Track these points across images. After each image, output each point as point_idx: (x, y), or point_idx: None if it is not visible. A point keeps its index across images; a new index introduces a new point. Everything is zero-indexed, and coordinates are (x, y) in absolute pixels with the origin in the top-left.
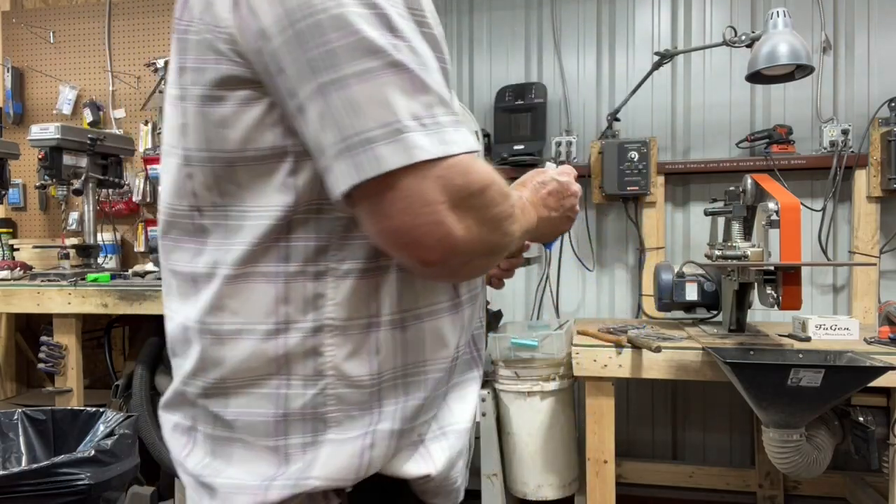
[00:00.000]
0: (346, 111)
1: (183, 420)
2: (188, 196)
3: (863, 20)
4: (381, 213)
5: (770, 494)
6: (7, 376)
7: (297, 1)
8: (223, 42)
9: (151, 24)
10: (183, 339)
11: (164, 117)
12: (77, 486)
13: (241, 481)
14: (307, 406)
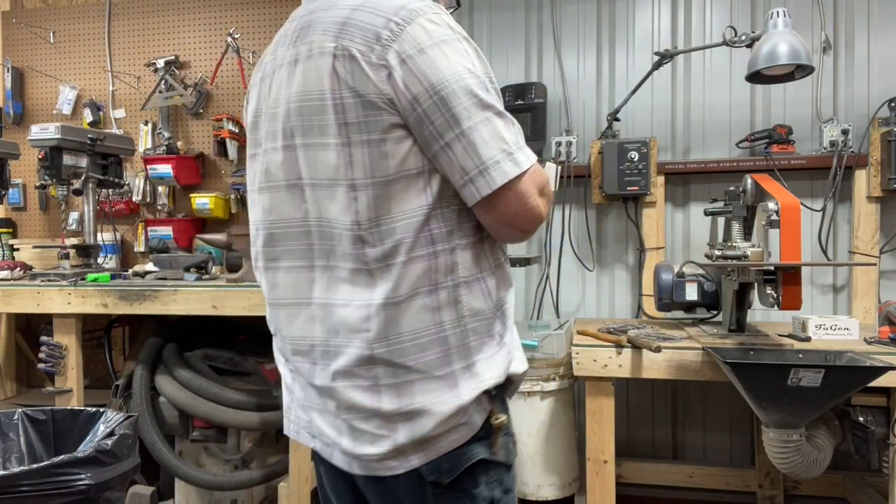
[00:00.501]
0: (481, 145)
1: (363, 382)
2: (352, 213)
3: (863, 20)
4: (504, 205)
5: (770, 494)
6: (7, 376)
7: (436, 78)
8: (384, 102)
9: (151, 24)
10: (363, 317)
11: (307, 161)
12: (77, 486)
13: (432, 399)
14: (459, 340)
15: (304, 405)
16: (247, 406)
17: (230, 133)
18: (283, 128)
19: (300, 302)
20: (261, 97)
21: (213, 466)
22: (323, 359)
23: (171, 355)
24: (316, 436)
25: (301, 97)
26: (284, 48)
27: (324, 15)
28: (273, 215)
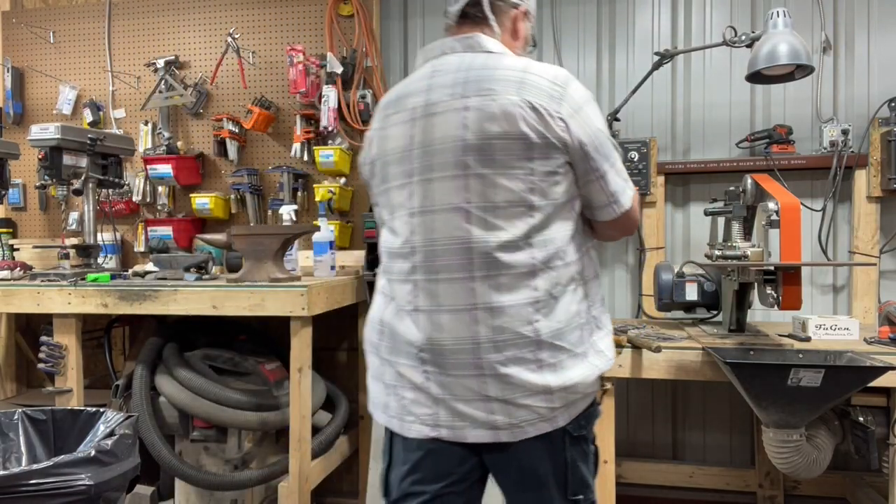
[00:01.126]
0: (621, 172)
1: (530, 363)
2: (525, 228)
3: (863, 20)
4: (628, 219)
5: (770, 494)
6: (7, 376)
7: (593, 129)
8: (560, 143)
9: (151, 24)
10: (531, 311)
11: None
12: (77, 486)
13: (580, 373)
14: (588, 326)
15: (440, 399)
16: (247, 406)
17: (230, 133)
18: (454, 161)
19: (467, 307)
20: (412, 134)
21: (213, 466)
22: (488, 353)
23: (171, 355)
24: (442, 425)
25: (482, 137)
26: (445, 97)
27: (489, 73)
28: (434, 234)
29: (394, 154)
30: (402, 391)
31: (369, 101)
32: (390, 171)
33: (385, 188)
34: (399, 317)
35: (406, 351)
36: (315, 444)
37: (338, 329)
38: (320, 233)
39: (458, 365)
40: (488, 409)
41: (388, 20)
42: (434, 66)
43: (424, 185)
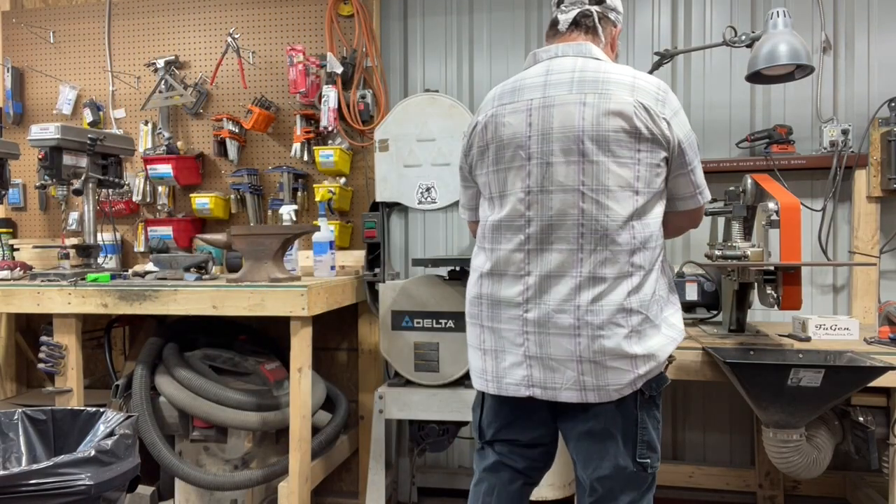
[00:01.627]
0: (702, 172)
1: (622, 329)
2: (630, 211)
3: (863, 20)
4: (702, 210)
5: (770, 494)
6: (7, 376)
7: (687, 130)
8: (663, 140)
9: (151, 24)
10: (633, 281)
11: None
12: (77, 486)
13: (660, 343)
14: (663, 301)
15: (537, 358)
16: (247, 406)
17: (230, 133)
18: (569, 147)
19: (574, 274)
20: (529, 122)
21: (213, 466)
22: (589, 315)
23: (171, 355)
24: (535, 384)
25: (599, 128)
26: (564, 92)
27: (604, 76)
28: (548, 210)
29: (510, 139)
30: (500, 355)
31: (369, 101)
32: (506, 154)
33: (497, 168)
34: (504, 283)
35: (508, 314)
36: (315, 444)
37: (338, 329)
38: (320, 233)
39: (558, 325)
40: (580, 370)
41: (388, 20)
42: (549, 65)
43: (542, 168)
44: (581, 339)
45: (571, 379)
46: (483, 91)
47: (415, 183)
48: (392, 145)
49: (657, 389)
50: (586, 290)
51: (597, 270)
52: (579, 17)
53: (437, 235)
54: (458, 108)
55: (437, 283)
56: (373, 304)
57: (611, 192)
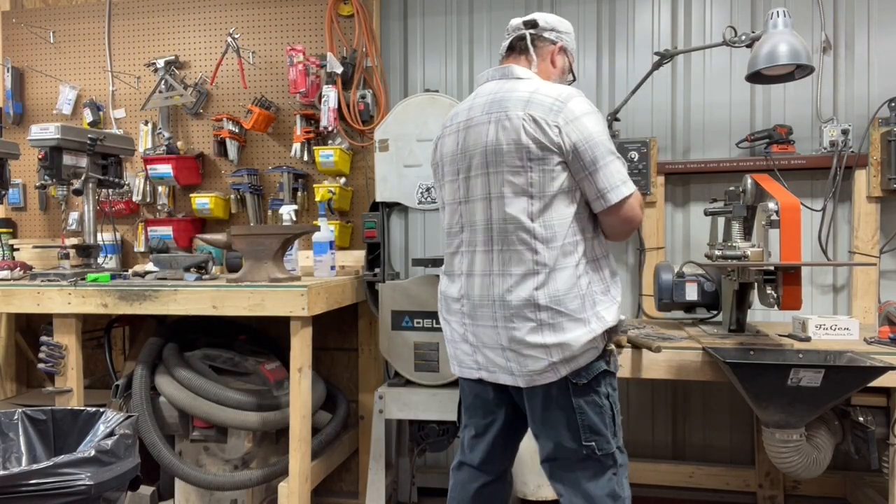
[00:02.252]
0: (613, 174)
1: (530, 322)
2: (526, 212)
3: (863, 20)
4: (623, 212)
5: (770, 494)
6: (7, 376)
7: (586, 134)
8: (555, 147)
9: (151, 24)
10: (533, 279)
11: (496, 182)
12: (77, 486)
13: (575, 333)
14: (589, 296)
15: (476, 346)
16: (247, 406)
17: (230, 133)
18: (480, 162)
19: (487, 272)
20: (458, 142)
21: (213, 466)
22: (501, 308)
23: (171, 355)
24: (482, 367)
25: (497, 144)
26: (479, 114)
27: (508, 95)
28: (472, 217)
29: (447, 157)
30: (457, 343)
31: (369, 101)
32: (446, 170)
33: (442, 183)
34: (451, 281)
35: (454, 308)
36: (315, 444)
37: (338, 329)
38: (320, 233)
39: (483, 317)
40: (505, 356)
41: (388, 20)
42: (478, 91)
43: (465, 181)
44: (499, 330)
45: (502, 364)
46: None
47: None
48: (392, 145)
49: (587, 378)
50: (498, 286)
51: (505, 268)
52: (515, 41)
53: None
54: None
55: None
56: (373, 304)
57: (507, 198)
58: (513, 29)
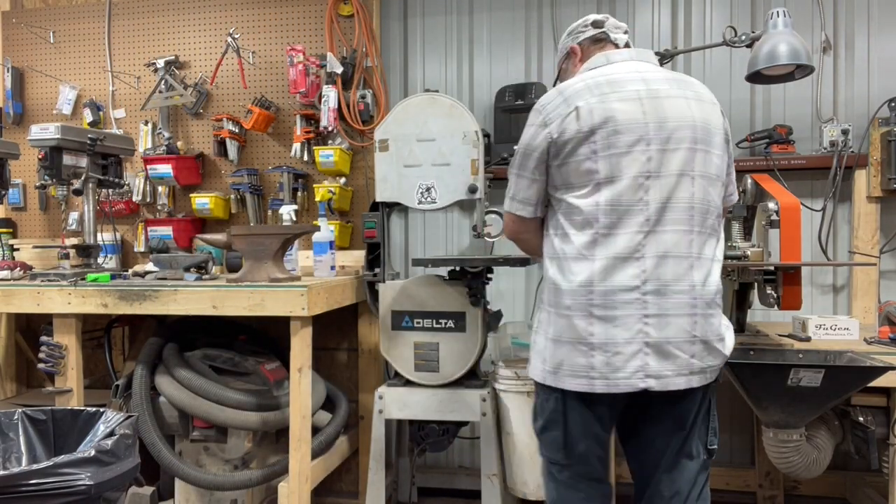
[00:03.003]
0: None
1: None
2: (720, 199)
3: (863, 20)
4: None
5: (770, 494)
6: (7, 376)
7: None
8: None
9: (151, 24)
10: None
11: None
12: (77, 486)
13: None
14: None
15: (651, 344)
16: (247, 406)
17: (230, 133)
18: (686, 136)
19: (686, 255)
20: (644, 111)
21: (213, 466)
22: (701, 296)
23: (171, 355)
24: (650, 375)
25: (706, 122)
26: (667, 87)
27: (684, 77)
28: (668, 193)
29: (627, 125)
30: (612, 347)
31: (369, 101)
32: (621, 139)
33: (610, 153)
34: (619, 268)
35: (623, 300)
36: (315, 444)
37: (338, 329)
38: (320, 233)
39: (678, 306)
40: (692, 351)
41: (388, 20)
42: (636, 66)
43: (660, 154)
44: (696, 319)
45: (685, 361)
46: (483, 91)
47: (415, 183)
48: (392, 145)
49: (720, 377)
50: (697, 272)
51: (702, 252)
52: (628, 42)
53: (437, 235)
54: (458, 108)
55: (437, 283)
56: (373, 304)
57: (709, 178)
58: (619, 27)
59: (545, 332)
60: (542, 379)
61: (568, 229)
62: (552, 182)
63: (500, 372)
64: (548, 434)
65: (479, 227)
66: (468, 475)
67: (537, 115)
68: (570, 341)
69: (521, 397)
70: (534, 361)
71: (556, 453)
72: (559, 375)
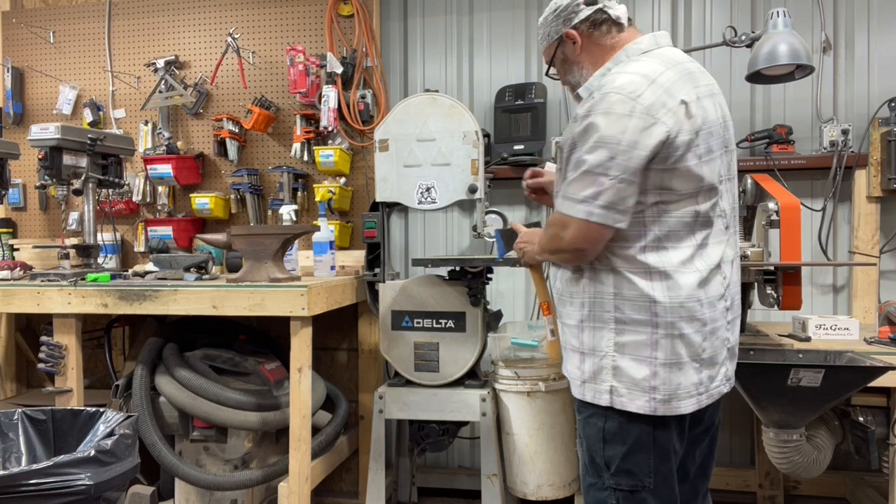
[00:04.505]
0: None
1: None
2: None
3: (863, 20)
4: None
5: (770, 494)
6: (7, 376)
7: None
8: None
9: (151, 24)
10: None
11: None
12: (77, 486)
13: None
14: None
15: (730, 350)
16: (247, 406)
17: (230, 133)
18: (732, 135)
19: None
20: (718, 111)
21: (213, 466)
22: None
23: (171, 355)
24: (729, 379)
25: (726, 119)
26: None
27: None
28: (732, 197)
29: (713, 126)
30: (713, 358)
31: (369, 101)
32: (712, 142)
33: (708, 158)
34: (712, 278)
35: (719, 309)
36: (315, 444)
37: (338, 329)
38: (320, 233)
39: (737, 310)
40: (730, 355)
41: (388, 20)
42: (673, 54)
43: (729, 155)
44: (732, 327)
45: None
46: (483, 91)
47: (415, 183)
48: (392, 145)
49: None
50: (736, 271)
51: (737, 251)
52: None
53: (437, 235)
54: (458, 108)
55: (437, 283)
56: (373, 304)
57: (735, 180)
58: None
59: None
60: (652, 411)
61: (664, 241)
62: (643, 186)
63: (500, 372)
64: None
65: (479, 227)
66: (468, 475)
67: (631, 104)
68: (686, 361)
69: (521, 397)
70: (633, 393)
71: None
72: (673, 403)
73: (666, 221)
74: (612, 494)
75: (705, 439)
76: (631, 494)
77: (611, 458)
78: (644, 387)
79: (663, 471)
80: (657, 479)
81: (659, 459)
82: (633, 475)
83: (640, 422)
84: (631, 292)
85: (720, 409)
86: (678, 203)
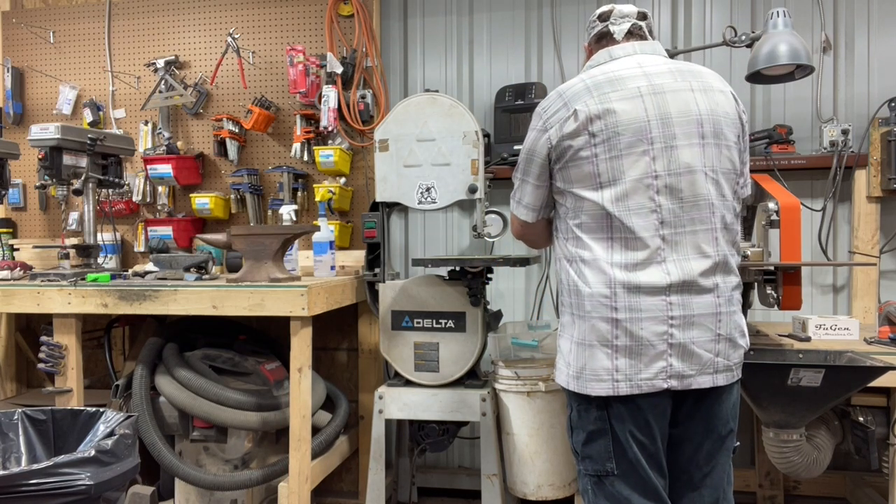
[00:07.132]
0: None
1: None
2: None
3: (863, 20)
4: None
5: (770, 494)
6: (7, 376)
7: None
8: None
9: (151, 24)
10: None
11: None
12: (77, 486)
13: None
14: None
15: (675, 345)
16: (247, 406)
17: (230, 133)
18: (697, 131)
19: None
20: (646, 108)
21: (213, 466)
22: (723, 293)
23: (171, 355)
24: (672, 376)
25: (713, 113)
26: (670, 80)
27: (693, 67)
28: (682, 193)
29: (627, 125)
30: (638, 349)
31: (369, 101)
32: (622, 140)
33: (611, 156)
34: (642, 271)
35: (649, 303)
36: (315, 444)
37: (338, 329)
38: (320, 233)
39: (702, 304)
40: (716, 350)
41: (388, 20)
42: (638, 60)
43: (668, 151)
44: (721, 318)
45: (707, 361)
46: (483, 91)
47: (415, 183)
48: (392, 145)
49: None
50: (721, 269)
51: (727, 249)
52: (633, 28)
53: (437, 235)
54: (458, 108)
55: (437, 283)
56: (373, 304)
57: (726, 172)
58: (624, 15)
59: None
60: (566, 384)
61: (579, 233)
62: (555, 185)
63: (500, 372)
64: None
65: (479, 227)
66: (468, 475)
67: (538, 119)
68: (595, 344)
69: (521, 397)
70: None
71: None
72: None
73: (579, 215)
74: (589, 481)
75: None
76: (599, 479)
77: (576, 444)
78: (565, 360)
79: (628, 457)
80: (622, 466)
81: (617, 445)
82: (594, 461)
83: (595, 408)
84: (567, 278)
85: (719, 409)
86: (584, 199)
